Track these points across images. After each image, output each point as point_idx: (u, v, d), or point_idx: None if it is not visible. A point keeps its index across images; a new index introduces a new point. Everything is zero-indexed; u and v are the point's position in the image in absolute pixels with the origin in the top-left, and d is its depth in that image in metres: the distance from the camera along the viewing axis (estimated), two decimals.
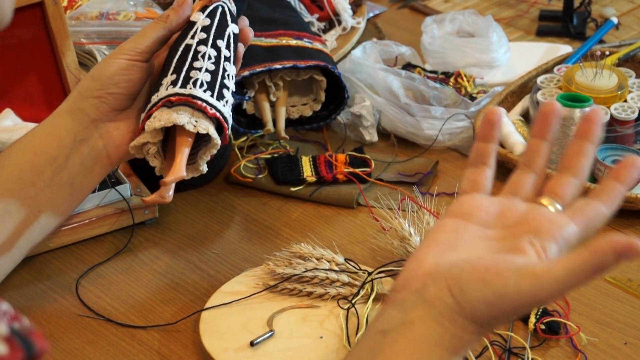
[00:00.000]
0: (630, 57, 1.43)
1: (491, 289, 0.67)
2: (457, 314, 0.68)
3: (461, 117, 1.33)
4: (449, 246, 0.72)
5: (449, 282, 0.69)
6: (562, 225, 0.71)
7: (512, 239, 0.71)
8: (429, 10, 1.71)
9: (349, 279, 1.05)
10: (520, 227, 0.72)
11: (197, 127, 0.99)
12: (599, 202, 0.72)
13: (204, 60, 1.02)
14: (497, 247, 0.71)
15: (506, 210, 0.74)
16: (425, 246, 0.73)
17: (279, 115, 1.28)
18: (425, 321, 0.68)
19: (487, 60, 1.45)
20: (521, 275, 0.67)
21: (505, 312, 0.68)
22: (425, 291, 0.69)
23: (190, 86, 1.00)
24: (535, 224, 0.71)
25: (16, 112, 1.22)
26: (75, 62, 1.24)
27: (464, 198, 0.76)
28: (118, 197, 1.16)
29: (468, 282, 0.68)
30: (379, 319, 0.71)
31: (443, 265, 0.70)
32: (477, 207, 0.75)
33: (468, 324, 0.68)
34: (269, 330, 1.00)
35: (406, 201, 1.18)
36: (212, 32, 1.04)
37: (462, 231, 0.73)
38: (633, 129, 1.28)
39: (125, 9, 1.38)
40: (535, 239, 0.70)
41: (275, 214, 1.22)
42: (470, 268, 0.69)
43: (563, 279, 0.66)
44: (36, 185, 0.99)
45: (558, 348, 1.01)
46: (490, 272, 0.68)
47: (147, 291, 1.10)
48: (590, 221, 0.72)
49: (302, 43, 1.29)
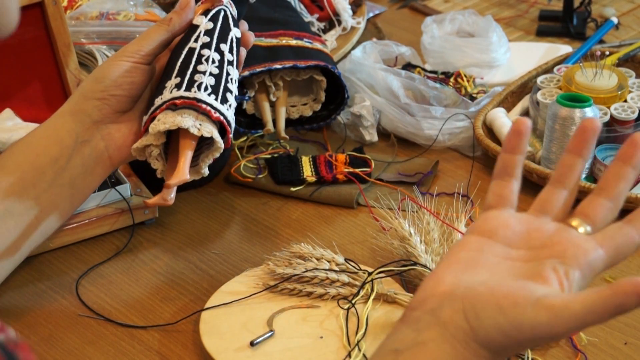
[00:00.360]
0: (630, 57, 1.43)
1: (507, 318, 0.66)
2: (471, 339, 0.67)
3: (461, 117, 1.33)
4: (469, 265, 0.71)
5: (465, 305, 0.67)
6: (589, 251, 0.69)
7: (535, 262, 0.69)
8: (429, 10, 1.71)
9: (349, 279, 1.05)
10: (546, 250, 0.70)
11: (201, 131, 0.99)
12: (632, 228, 0.70)
13: (208, 63, 1.02)
14: (519, 269, 0.70)
15: (533, 230, 0.72)
16: (446, 264, 0.72)
17: (279, 115, 1.28)
18: (438, 343, 0.67)
19: (487, 60, 1.45)
20: (538, 308, 0.65)
21: (519, 342, 0.66)
22: (440, 312, 0.68)
23: (195, 89, 1.00)
24: (561, 248, 0.69)
25: (16, 112, 1.22)
26: (75, 62, 1.25)
27: (490, 214, 0.74)
28: (118, 197, 1.16)
29: (484, 307, 0.67)
30: (392, 337, 0.70)
31: (461, 286, 0.69)
32: (503, 224, 0.73)
33: (481, 350, 0.67)
34: (269, 330, 1.00)
35: (406, 201, 1.18)
36: (216, 35, 1.04)
37: (485, 250, 0.71)
38: (633, 129, 1.28)
39: (125, 9, 1.38)
40: (559, 265, 0.68)
41: (275, 214, 1.22)
42: (488, 293, 0.67)
43: (581, 316, 0.65)
44: (38, 187, 1.00)
45: (558, 348, 1.01)
46: (508, 300, 0.66)
47: (147, 291, 1.10)
48: (620, 248, 0.70)
49: (302, 43, 1.29)
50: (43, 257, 1.13)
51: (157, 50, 1.05)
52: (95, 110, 1.02)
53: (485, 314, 0.67)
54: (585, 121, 0.73)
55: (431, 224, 1.11)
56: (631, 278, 0.63)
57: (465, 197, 1.24)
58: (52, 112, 1.24)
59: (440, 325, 0.68)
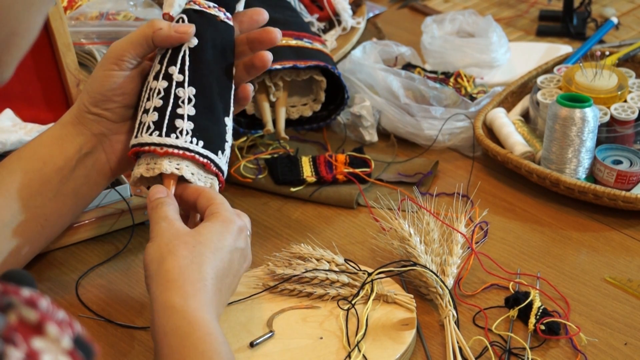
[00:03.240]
0: (630, 57, 1.43)
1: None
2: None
3: (461, 117, 1.33)
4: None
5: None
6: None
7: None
8: (429, 10, 1.71)
9: (348, 279, 1.05)
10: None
11: (154, 170, 0.98)
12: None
13: (153, 97, 1.00)
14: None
15: None
16: None
17: (278, 115, 1.28)
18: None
19: (487, 60, 1.45)
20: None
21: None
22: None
23: (140, 133, 0.99)
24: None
25: (16, 112, 1.22)
26: (75, 62, 1.24)
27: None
28: (118, 197, 1.16)
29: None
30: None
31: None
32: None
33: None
34: (269, 331, 1.00)
35: (406, 201, 1.18)
36: (166, 59, 1.01)
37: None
38: (633, 129, 1.28)
39: (125, 9, 1.38)
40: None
41: (275, 214, 1.22)
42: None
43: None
44: (43, 195, 1.00)
45: (558, 348, 1.01)
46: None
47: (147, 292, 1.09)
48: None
49: (302, 43, 1.29)
50: (43, 258, 1.13)
51: (140, 53, 1.01)
52: (94, 123, 1.03)
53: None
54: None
55: (431, 224, 1.11)
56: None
57: (465, 197, 1.24)
58: (52, 112, 1.25)
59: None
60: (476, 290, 1.09)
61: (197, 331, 0.83)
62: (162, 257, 0.88)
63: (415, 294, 1.06)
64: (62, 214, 1.03)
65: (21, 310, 0.49)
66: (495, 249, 1.15)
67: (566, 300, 1.07)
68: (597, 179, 1.23)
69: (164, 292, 0.86)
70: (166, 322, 0.84)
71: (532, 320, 1.02)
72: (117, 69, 1.00)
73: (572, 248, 1.17)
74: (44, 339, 0.49)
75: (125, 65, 1.00)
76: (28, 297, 0.50)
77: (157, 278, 0.87)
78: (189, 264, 0.88)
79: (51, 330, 0.50)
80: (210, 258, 0.89)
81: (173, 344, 0.82)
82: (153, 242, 0.91)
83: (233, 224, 0.93)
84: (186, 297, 0.85)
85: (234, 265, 0.92)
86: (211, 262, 0.89)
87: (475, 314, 1.05)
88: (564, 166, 1.22)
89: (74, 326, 0.52)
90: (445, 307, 1.03)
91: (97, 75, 1.02)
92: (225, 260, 0.91)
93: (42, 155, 1.01)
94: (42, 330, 0.49)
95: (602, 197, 1.19)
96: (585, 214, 1.22)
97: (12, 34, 0.59)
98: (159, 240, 0.90)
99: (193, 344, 0.81)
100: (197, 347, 0.81)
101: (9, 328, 0.48)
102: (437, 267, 1.07)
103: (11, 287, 0.51)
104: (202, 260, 0.89)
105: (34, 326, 0.49)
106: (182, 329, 0.83)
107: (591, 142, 1.22)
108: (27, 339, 0.48)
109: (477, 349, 1.00)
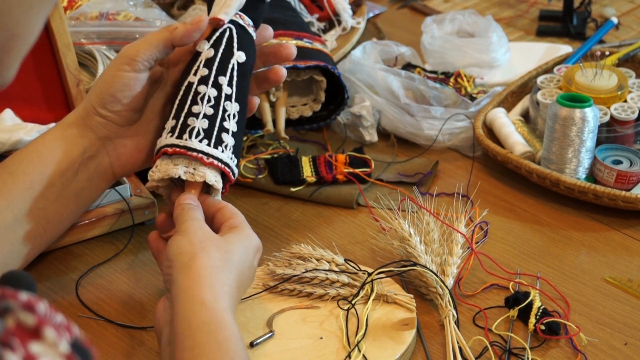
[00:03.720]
0: (630, 57, 1.43)
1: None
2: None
3: (461, 117, 1.33)
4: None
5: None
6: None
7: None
8: (429, 10, 1.71)
9: (348, 279, 1.05)
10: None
11: (194, 176, 0.98)
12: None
13: (203, 103, 1.00)
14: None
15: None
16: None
17: (278, 115, 1.28)
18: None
19: (487, 60, 1.45)
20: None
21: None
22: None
23: (187, 136, 0.99)
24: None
25: (16, 112, 1.22)
26: (75, 62, 1.24)
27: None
28: (118, 197, 1.16)
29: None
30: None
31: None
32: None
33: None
34: (269, 331, 1.00)
35: (406, 201, 1.18)
36: (215, 66, 1.02)
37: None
38: (633, 129, 1.28)
39: (125, 9, 1.38)
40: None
41: (275, 214, 1.22)
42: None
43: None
44: (46, 197, 1.00)
45: (558, 349, 1.01)
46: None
47: (147, 292, 1.09)
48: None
49: (302, 43, 1.29)
50: (43, 258, 1.13)
51: (155, 56, 1.02)
52: (100, 126, 1.02)
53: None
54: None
55: (431, 225, 1.11)
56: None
57: (465, 197, 1.24)
58: (52, 112, 1.25)
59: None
60: (476, 290, 1.09)
61: (223, 330, 0.84)
62: (194, 253, 0.89)
63: (415, 294, 1.06)
64: (64, 216, 1.03)
65: (19, 315, 0.49)
66: (495, 249, 1.15)
67: (566, 300, 1.07)
68: (597, 179, 1.23)
69: (194, 286, 0.87)
70: (193, 315, 0.85)
71: (532, 320, 1.02)
72: (129, 70, 1.01)
73: (572, 248, 1.17)
74: (41, 344, 0.49)
75: (138, 67, 1.01)
76: (26, 301, 0.50)
77: (188, 271, 0.88)
78: (220, 266, 0.89)
79: (49, 334, 0.50)
80: (236, 267, 0.91)
81: (198, 337, 0.83)
82: (183, 236, 0.92)
83: (255, 242, 0.95)
84: (216, 296, 0.86)
85: (246, 281, 0.94)
86: (236, 271, 0.91)
87: (475, 314, 1.05)
88: (564, 166, 1.22)
89: (72, 330, 0.52)
90: (445, 307, 1.03)
91: (107, 75, 1.02)
92: (244, 273, 0.93)
93: (44, 157, 1.01)
94: (39, 334, 0.49)
95: (602, 197, 1.19)
96: (585, 214, 1.22)
97: (12, 36, 0.59)
98: (191, 236, 0.92)
99: (218, 342, 0.83)
100: (221, 346, 0.83)
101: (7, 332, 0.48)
102: (437, 267, 1.07)
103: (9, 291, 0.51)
104: (230, 267, 0.90)
105: (32, 330, 0.49)
106: (210, 325, 0.84)
107: (591, 142, 1.22)
108: (25, 344, 0.48)
109: (477, 349, 1.00)
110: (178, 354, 0.83)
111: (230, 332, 0.84)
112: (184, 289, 0.87)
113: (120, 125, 1.03)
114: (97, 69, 1.29)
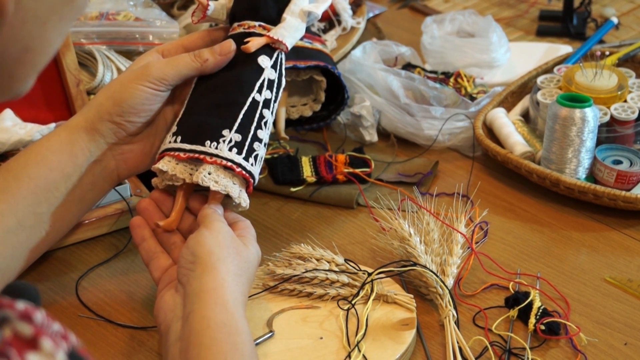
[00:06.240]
0: (630, 57, 1.43)
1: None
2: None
3: (461, 117, 1.33)
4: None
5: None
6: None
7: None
8: (429, 10, 1.71)
9: (348, 279, 1.05)
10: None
11: (218, 186, 0.99)
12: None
13: (266, 129, 1.03)
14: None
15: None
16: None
17: (279, 115, 1.28)
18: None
19: (487, 60, 1.45)
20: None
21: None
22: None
23: (252, 161, 1.01)
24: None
25: (16, 112, 1.22)
26: (75, 62, 1.24)
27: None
28: (118, 197, 1.16)
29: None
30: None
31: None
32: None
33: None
34: (269, 331, 1.00)
35: (406, 201, 1.18)
36: (274, 92, 1.05)
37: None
38: (633, 129, 1.28)
39: (125, 9, 1.37)
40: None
41: (275, 214, 1.22)
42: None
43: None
44: (49, 202, 1.00)
45: (558, 348, 1.01)
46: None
47: (147, 292, 1.09)
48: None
49: (302, 43, 1.29)
50: (43, 258, 1.13)
51: (180, 80, 1.05)
52: (110, 133, 1.03)
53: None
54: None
55: (431, 225, 1.11)
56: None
57: (465, 197, 1.24)
58: (52, 112, 1.24)
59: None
60: (476, 290, 1.09)
61: (241, 335, 0.86)
62: (222, 256, 0.92)
63: (415, 294, 1.06)
64: (67, 219, 1.03)
65: (16, 325, 0.49)
66: (495, 249, 1.16)
67: (566, 300, 1.07)
68: (597, 179, 1.23)
69: (219, 288, 0.89)
70: (215, 315, 0.87)
71: (532, 320, 1.02)
72: (155, 89, 1.02)
73: (572, 248, 1.17)
74: (38, 354, 0.49)
75: (163, 87, 1.03)
76: (23, 311, 0.50)
77: (215, 273, 0.90)
78: (240, 275, 0.93)
79: (46, 344, 0.49)
80: (248, 279, 0.95)
81: (217, 337, 0.85)
82: (212, 232, 0.94)
83: (259, 257, 0.98)
84: (236, 303, 0.89)
85: (246, 291, 0.96)
86: (248, 283, 0.94)
87: (475, 314, 1.05)
88: (564, 166, 1.22)
89: (69, 338, 0.52)
90: (445, 307, 1.03)
91: (129, 87, 1.02)
92: (249, 285, 0.95)
93: (50, 161, 1.00)
94: (36, 344, 0.49)
95: (602, 197, 1.19)
96: (585, 214, 1.22)
97: (25, 49, 0.59)
98: (221, 237, 0.94)
99: (235, 344, 0.85)
100: (238, 348, 0.85)
101: (4, 343, 0.48)
102: (437, 267, 1.07)
103: (6, 300, 0.51)
104: (247, 277, 0.94)
105: (29, 341, 0.49)
106: (230, 327, 0.86)
107: (591, 142, 1.22)
108: (22, 354, 0.48)
109: (477, 349, 1.00)
110: (193, 350, 0.84)
111: (247, 338, 0.87)
112: (208, 290, 0.89)
113: (132, 134, 1.04)
114: (97, 69, 1.29)
